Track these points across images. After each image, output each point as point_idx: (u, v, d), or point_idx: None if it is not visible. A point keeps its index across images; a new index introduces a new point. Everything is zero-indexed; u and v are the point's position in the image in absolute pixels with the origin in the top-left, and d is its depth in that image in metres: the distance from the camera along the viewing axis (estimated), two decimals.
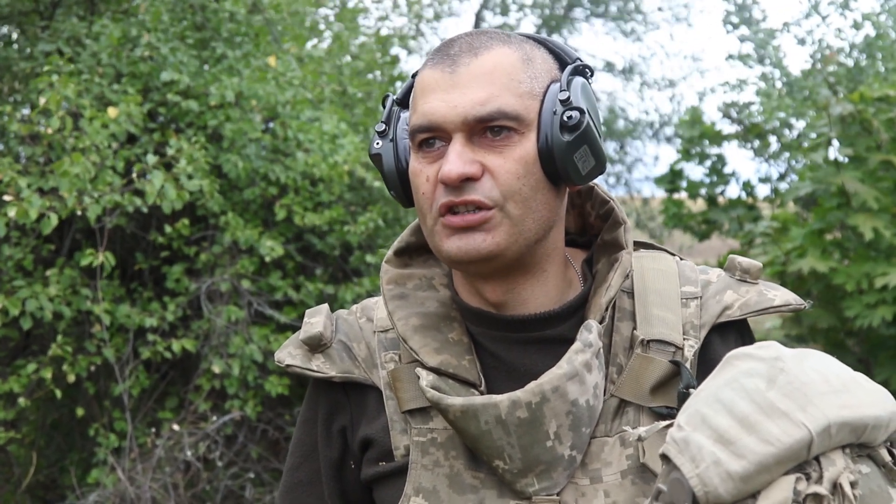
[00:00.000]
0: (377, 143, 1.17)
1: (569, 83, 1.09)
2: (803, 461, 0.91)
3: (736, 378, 0.95)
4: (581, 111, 1.07)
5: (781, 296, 1.16)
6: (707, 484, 0.90)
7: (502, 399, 1.04)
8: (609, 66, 13.00)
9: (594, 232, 1.24)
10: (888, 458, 0.96)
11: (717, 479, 0.90)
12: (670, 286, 1.17)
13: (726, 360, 0.99)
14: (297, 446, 1.25)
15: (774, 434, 0.90)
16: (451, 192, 1.06)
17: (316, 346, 1.19)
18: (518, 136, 1.06)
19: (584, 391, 1.06)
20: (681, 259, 1.23)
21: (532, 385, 1.05)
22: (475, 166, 1.05)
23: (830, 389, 0.93)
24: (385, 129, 1.16)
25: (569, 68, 1.11)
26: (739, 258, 1.19)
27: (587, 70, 1.13)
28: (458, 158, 1.05)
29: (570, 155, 1.07)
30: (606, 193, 1.21)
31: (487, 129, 1.06)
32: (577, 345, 1.07)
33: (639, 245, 1.25)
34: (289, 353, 1.20)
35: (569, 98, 1.07)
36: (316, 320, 1.20)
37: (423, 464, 1.11)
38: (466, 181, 1.05)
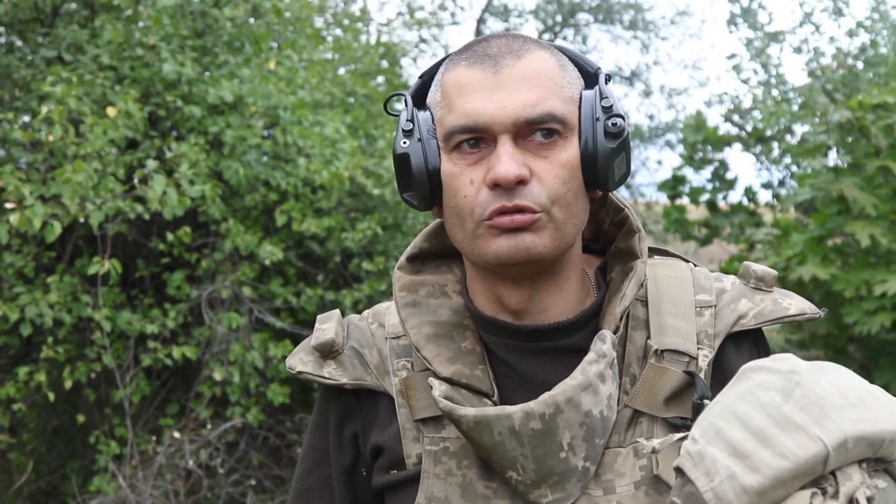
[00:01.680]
0: (404, 143, 1.10)
1: (607, 91, 1.10)
2: (819, 476, 0.90)
3: (751, 391, 0.94)
4: (623, 118, 1.07)
5: (797, 304, 1.15)
6: (721, 498, 0.89)
7: (515, 410, 1.03)
8: (612, 73, 13.01)
9: (608, 239, 1.23)
10: None
11: (731, 494, 0.89)
12: (685, 295, 1.16)
13: (741, 372, 0.97)
14: (309, 452, 1.24)
15: (790, 448, 0.89)
16: (501, 195, 1.03)
17: (327, 352, 1.18)
18: (562, 141, 1.06)
19: (597, 402, 1.05)
20: (695, 266, 1.22)
21: (545, 396, 1.04)
22: (525, 169, 1.04)
23: (847, 403, 0.92)
24: (412, 128, 1.10)
25: (602, 76, 1.12)
26: (754, 265, 1.17)
27: (608, 78, 1.14)
28: (511, 160, 1.03)
29: (612, 161, 1.07)
30: (621, 201, 1.20)
31: (534, 131, 1.05)
32: (590, 355, 1.06)
33: (653, 252, 1.24)
34: (300, 360, 1.19)
35: (612, 105, 1.08)
36: (327, 326, 1.19)
37: (435, 473, 1.11)
38: (518, 184, 1.04)
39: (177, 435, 3.97)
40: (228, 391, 4.00)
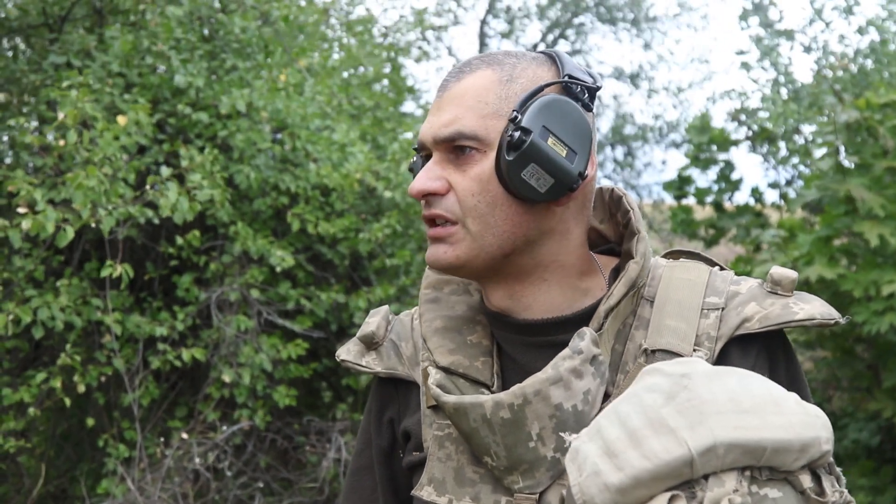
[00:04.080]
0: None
1: (524, 101, 1.10)
2: (690, 479, 0.90)
3: (637, 392, 0.96)
4: (526, 130, 1.08)
5: (808, 309, 1.11)
6: (585, 492, 0.92)
7: (487, 399, 1.09)
8: (617, 72, 12.99)
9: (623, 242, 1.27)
10: (808, 485, 0.93)
11: (594, 489, 0.91)
12: (692, 297, 1.15)
13: (640, 374, 1.00)
14: (361, 434, 1.35)
15: (655, 450, 0.90)
16: (425, 206, 1.15)
17: (369, 343, 1.27)
18: (480, 155, 1.12)
19: (570, 396, 1.08)
20: (721, 269, 1.21)
21: (515, 388, 1.09)
22: (438, 183, 1.13)
23: (734, 409, 0.92)
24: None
25: (538, 87, 1.12)
26: (775, 269, 1.16)
27: (576, 87, 1.13)
28: (423, 175, 1.13)
29: (517, 173, 1.09)
30: (630, 203, 1.22)
31: (452, 148, 1.13)
32: (565, 351, 1.09)
33: (682, 254, 1.26)
34: (346, 349, 1.29)
35: (516, 117, 1.09)
36: (373, 320, 1.28)
37: (438, 456, 1.18)
38: (432, 196, 1.13)
39: (185, 437, 3.98)
40: (236, 393, 4.02)
